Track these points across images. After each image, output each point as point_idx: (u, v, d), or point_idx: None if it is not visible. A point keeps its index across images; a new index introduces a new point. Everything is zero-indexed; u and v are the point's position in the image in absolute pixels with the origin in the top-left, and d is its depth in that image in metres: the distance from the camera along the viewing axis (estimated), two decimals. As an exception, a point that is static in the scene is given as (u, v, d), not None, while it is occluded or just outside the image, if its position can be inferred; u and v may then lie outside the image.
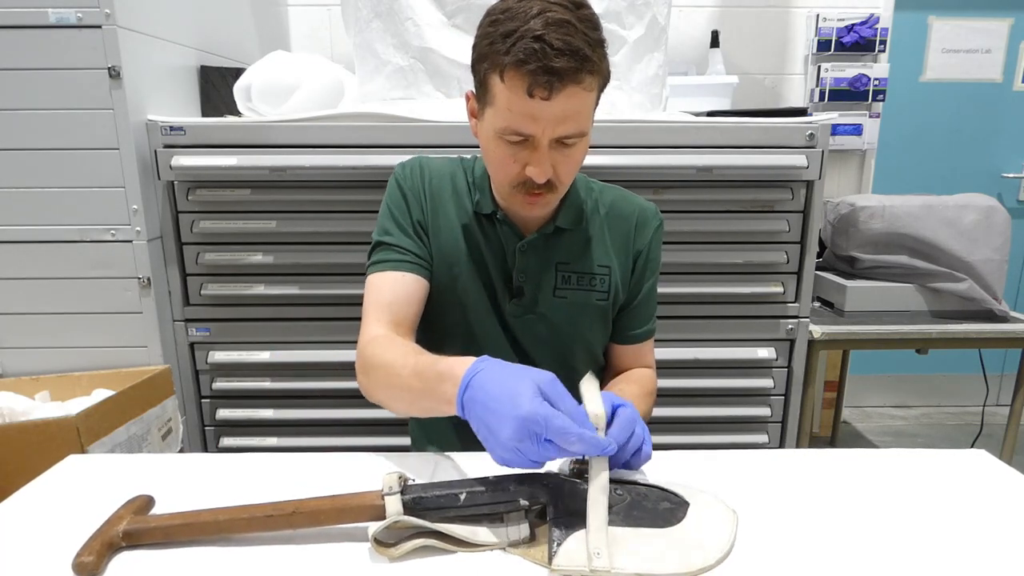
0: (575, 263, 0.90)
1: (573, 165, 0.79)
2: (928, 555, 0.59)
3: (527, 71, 0.68)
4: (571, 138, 0.74)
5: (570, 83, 0.69)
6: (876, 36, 2.17)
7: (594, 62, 0.70)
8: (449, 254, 0.89)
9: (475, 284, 0.89)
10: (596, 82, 0.73)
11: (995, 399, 2.71)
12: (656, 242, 0.94)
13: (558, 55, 0.67)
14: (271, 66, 1.49)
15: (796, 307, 1.55)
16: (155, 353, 1.44)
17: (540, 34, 0.67)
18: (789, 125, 1.44)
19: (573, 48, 0.68)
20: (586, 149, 0.80)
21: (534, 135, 0.73)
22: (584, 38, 0.69)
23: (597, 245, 0.91)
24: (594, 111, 0.78)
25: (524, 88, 0.69)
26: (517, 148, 0.75)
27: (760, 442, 1.63)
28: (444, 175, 0.91)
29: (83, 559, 0.56)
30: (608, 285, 0.91)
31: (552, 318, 0.90)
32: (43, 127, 1.31)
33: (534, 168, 0.75)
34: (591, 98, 0.74)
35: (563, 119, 0.72)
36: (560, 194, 0.82)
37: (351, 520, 0.60)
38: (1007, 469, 0.76)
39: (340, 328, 1.51)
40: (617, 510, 0.61)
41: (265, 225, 1.45)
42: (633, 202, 0.95)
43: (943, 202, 1.73)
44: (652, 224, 0.94)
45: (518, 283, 0.89)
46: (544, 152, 0.74)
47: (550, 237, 0.89)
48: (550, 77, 0.68)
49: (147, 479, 0.73)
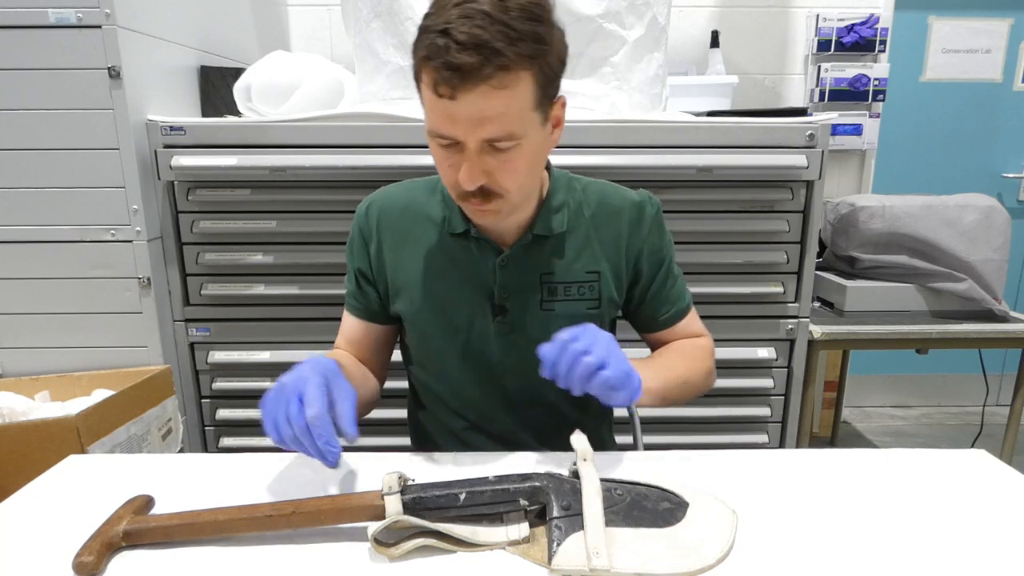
0: (560, 272, 0.85)
1: (514, 172, 0.71)
2: (928, 555, 0.59)
3: (432, 67, 0.64)
4: (500, 141, 0.68)
5: (477, 81, 0.63)
6: (876, 36, 2.17)
7: (508, 57, 0.62)
8: (418, 283, 0.86)
9: (454, 307, 0.86)
10: (522, 78, 0.65)
11: (995, 399, 2.71)
12: (656, 230, 0.88)
13: (460, 50, 0.61)
14: (271, 66, 1.49)
15: (796, 307, 1.55)
16: (155, 353, 1.44)
17: (446, 27, 0.62)
18: (789, 125, 1.44)
19: (479, 42, 0.61)
20: (534, 156, 0.73)
21: (457, 138, 0.68)
22: (501, 30, 0.62)
23: (583, 250, 0.85)
24: (541, 111, 0.70)
25: (432, 86, 0.65)
26: (450, 152, 0.70)
27: (760, 442, 1.63)
28: (407, 205, 0.88)
29: (83, 559, 0.56)
30: (598, 292, 0.86)
31: (540, 334, 0.82)
32: (43, 127, 1.31)
33: (462, 173, 0.69)
34: (517, 97, 0.66)
35: (480, 121, 0.66)
36: (512, 203, 0.75)
37: (351, 520, 0.60)
38: (1007, 469, 0.76)
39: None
40: (617, 510, 0.61)
41: (265, 225, 1.45)
42: (622, 197, 0.88)
43: (943, 202, 1.73)
44: (648, 214, 0.88)
45: (500, 301, 0.85)
46: (472, 157, 0.68)
47: (530, 247, 0.84)
48: (451, 74, 0.62)
49: (147, 479, 0.73)
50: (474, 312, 0.86)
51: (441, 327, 0.87)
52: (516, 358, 0.87)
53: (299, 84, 1.47)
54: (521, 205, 0.80)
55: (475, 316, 0.86)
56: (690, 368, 0.87)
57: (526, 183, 0.76)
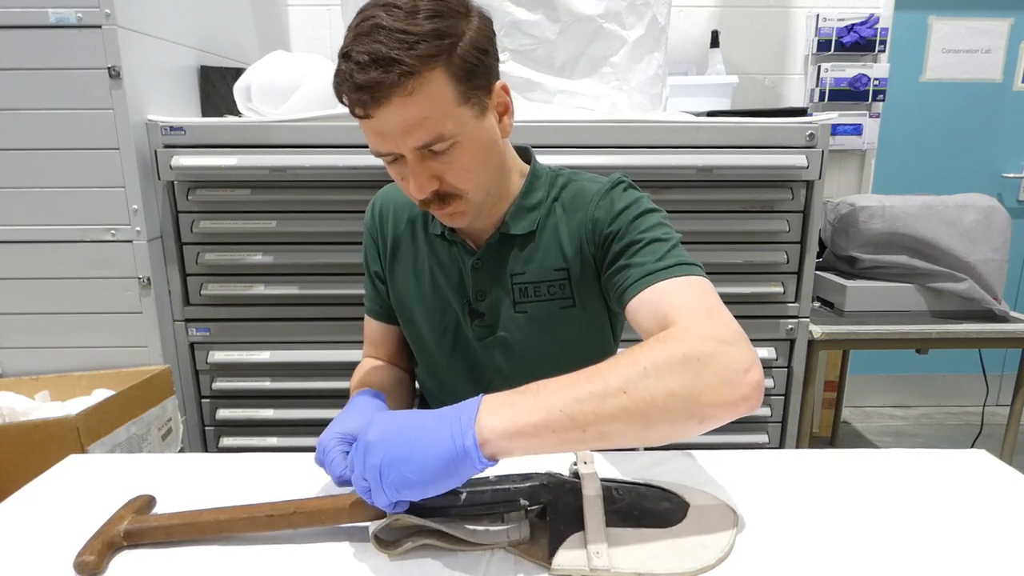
0: (529, 272, 0.81)
1: (462, 171, 0.69)
2: (928, 555, 0.58)
3: (343, 93, 0.64)
4: (433, 144, 0.66)
5: (385, 95, 0.62)
6: (876, 36, 2.17)
7: (407, 63, 0.60)
8: (410, 283, 0.87)
9: (441, 308, 0.85)
10: (433, 77, 0.63)
11: (995, 399, 2.71)
12: (603, 205, 0.77)
13: (359, 69, 0.61)
14: (271, 66, 1.49)
15: (796, 307, 1.55)
16: (155, 353, 1.44)
17: (347, 51, 0.62)
18: (789, 125, 1.44)
19: (377, 57, 0.60)
20: (479, 151, 0.70)
21: (392, 151, 0.67)
22: (397, 38, 0.60)
23: (552, 247, 0.81)
24: (471, 104, 0.67)
25: (351, 109, 0.65)
26: (397, 166, 0.70)
27: (760, 442, 1.63)
28: (404, 204, 0.88)
29: (84, 558, 0.56)
30: (570, 290, 0.81)
31: (515, 336, 0.83)
32: (43, 127, 1.31)
33: (411, 185, 0.69)
34: (432, 97, 0.63)
35: (405, 131, 0.64)
36: (475, 200, 0.73)
37: (352, 520, 0.60)
38: (1007, 469, 0.76)
39: (340, 328, 1.51)
40: (617, 510, 0.61)
41: (265, 225, 1.45)
42: (596, 184, 0.81)
43: (943, 202, 1.73)
44: (601, 192, 0.79)
45: (476, 304, 0.83)
46: (414, 166, 0.67)
47: (500, 248, 0.81)
48: (359, 94, 0.62)
49: (147, 479, 0.73)
50: (457, 315, 0.86)
51: (430, 328, 0.87)
52: (499, 361, 0.86)
53: (299, 84, 1.47)
54: (488, 202, 0.77)
55: (458, 319, 0.86)
56: (621, 368, 0.55)
57: (482, 179, 0.73)
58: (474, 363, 0.87)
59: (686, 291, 0.66)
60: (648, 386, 0.53)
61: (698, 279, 0.68)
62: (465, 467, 0.52)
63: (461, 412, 0.54)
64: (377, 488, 0.53)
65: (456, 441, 0.52)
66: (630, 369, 0.54)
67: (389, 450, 0.53)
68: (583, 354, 0.83)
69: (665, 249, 0.71)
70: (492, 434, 0.53)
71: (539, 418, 0.53)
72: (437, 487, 0.53)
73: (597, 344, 0.87)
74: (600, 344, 0.88)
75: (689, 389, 0.54)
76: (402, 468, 0.52)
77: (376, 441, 0.54)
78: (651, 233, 0.73)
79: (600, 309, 0.84)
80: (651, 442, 0.56)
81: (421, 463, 0.52)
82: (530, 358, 0.84)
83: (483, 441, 0.52)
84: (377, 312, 0.93)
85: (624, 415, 0.53)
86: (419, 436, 0.53)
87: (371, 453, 0.54)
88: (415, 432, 0.54)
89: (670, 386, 0.53)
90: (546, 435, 0.53)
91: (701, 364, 0.55)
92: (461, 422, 0.53)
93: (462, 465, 0.52)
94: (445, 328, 0.86)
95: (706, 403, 0.54)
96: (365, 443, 0.55)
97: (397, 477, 0.52)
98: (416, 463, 0.52)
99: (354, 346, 1.49)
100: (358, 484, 0.56)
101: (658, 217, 0.76)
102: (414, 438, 0.53)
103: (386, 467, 0.52)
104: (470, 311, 0.84)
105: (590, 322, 0.84)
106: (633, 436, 0.55)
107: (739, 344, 0.58)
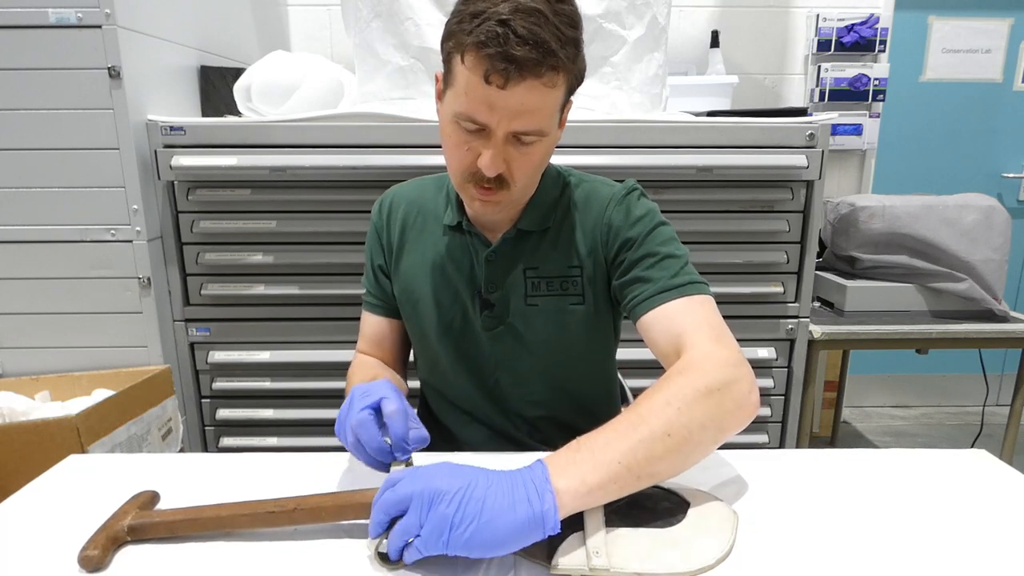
0: (544, 267, 0.84)
1: (529, 166, 0.74)
2: (928, 555, 0.59)
3: (486, 55, 0.64)
4: (528, 135, 0.70)
5: (529, 75, 0.65)
6: (876, 36, 2.17)
7: (559, 58, 0.65)
8: (418, 276, 0.88)
9: (448, 300, 0.87)
10: (561, 80, 0.68)
11: (995, 399, 2.71)
12: (620, 211, 0.82)
13: (520, 43, 0.63)
14: (271, 66, 1.49)
15: (796, 307, 1.55)
16: (155, 353, 1.44)
17: (506, 19, 0.63)
18: (789, 125, 1.44)
19: (538, 39, 0.63)
20: (547, 152, 0.75)
21: (489, 125, 0.69)
22: (554, 32, 0.65)
23: (568, 245, 0.84)
24: (560, 113, 0.73)
25: (481, 72, 0.65)
26: (472, 136, 0.71)
27: (760, 442, 1.63)
28: (414, 200, 0.91)
29: (89, 553, 0.57)
30: (581, 287, 0.84)
31: (525, 328, 0.85)
32: (43, 127, 1.31)
33: (484, 159, 0.70)
34: (554, 96, 0.69)
35: (520, 113, 0.67)
36: (515, 195, 0.76)
37: (353, 517, 0.61)
38: (1007, 469, 0.76)
39: (340, 328, 1.51)
40: (616, 510, 0.61)
41: (265, 225, 1.45)
42: (609, 188, 0.86)
43: (943, 202, 1.73)
44: (618, 195, 0.84)
45: (487, 295, 0.85)
46: (498, 145, 0.70)
47: (515, 242, 0.84)
48: (508, 64, 0.64)
49: (147, 479, 0.73)
50: (464, 305, 0.87)
51: (435, 320, 0.88)
52: (504, 353, 0.87)
53: (299, 84, 1.47)
54: (523, 200, 0.82)
55: (465, 309, 0.87)
56: (658, 411, 0.60)
57: (535, 178, 0.79)
58: (476, 354, 0.88)
59: (696, 312, 0.74)
60: (685, 424, 0.60)
61: (706, 298, 0.76)
62: (537, 531, 0.52)
63: (532, 475, 0.54)
64: (435, 540, 0.50)
65: (534, 505, 0.52)
66: (667, 412, 0.60)
67: (464, 504, 0.51)
68: (586, 349, 0.88)
69: (679, 266, 0.78)
70: (566, 496, 0.54)
71: (603, 474, 0.55)
72: (508, 549, 0.52)
73: (600, 340, 0.90)
74: (603, 341, 0.90)
75: (715, 420, 0.62)
76: (479, 526, 0.50)
77: (448, 491, 0.52)
78: (666, 248, 0.79)
79: (607, 308, 0.87)
80: (683, 471, 0.62)
81: (500, 523, 0.51)
82: (535, 350, 0.86)
83: (560, 504, 0.53)
84: (375, 306, 0.94)
85: (670, 455, 0.59)
86: (495, 494, 0.52)
87: (442, 502, 0.51)
88: (491, 489, 0.52)
89: (700, 420, 0.61)
90: (609, 488, 0.56)
91: (721, 393, 0.63)
92: (536, 485, 0.53)
93: (536, 528, 0.52)
94: (452, 319, 0.87)
95: (727, 428, 0.64)
96: (434, 490, 0.52)
97: (471, 536, 0.50)
98: (495, 523, 0.51)
99: (354, 346, 1.49)
100: (406, 528, 0.52)
101: (670, 231, 0.82)
102: (490, 495, 0.52)
103: (459, 521, 0.50)
104: (480, 301, 0.86)
105: (597, 319, 0.86)
106: (673, 471, 0.60)
107: (742, 365, 0.67)
